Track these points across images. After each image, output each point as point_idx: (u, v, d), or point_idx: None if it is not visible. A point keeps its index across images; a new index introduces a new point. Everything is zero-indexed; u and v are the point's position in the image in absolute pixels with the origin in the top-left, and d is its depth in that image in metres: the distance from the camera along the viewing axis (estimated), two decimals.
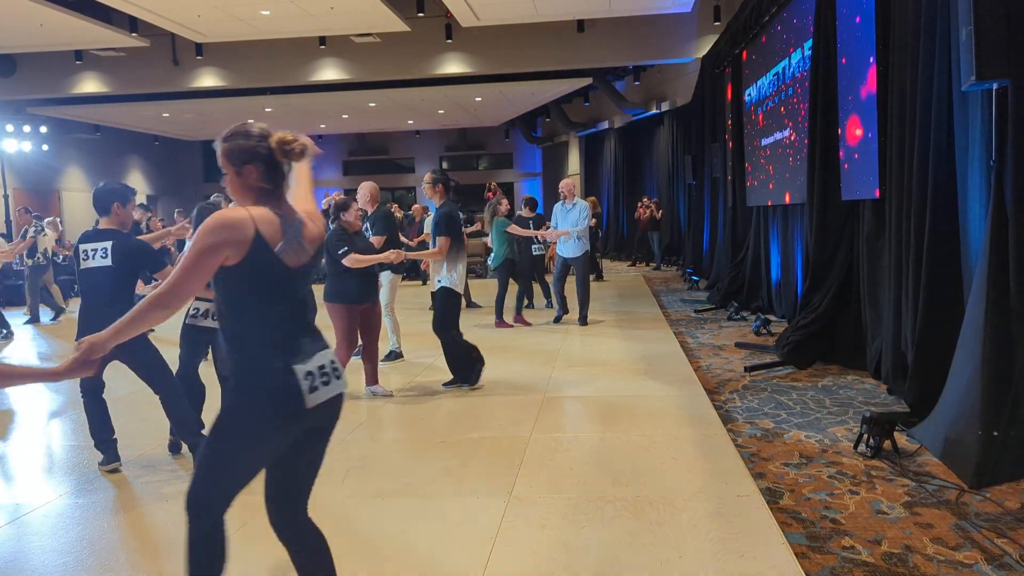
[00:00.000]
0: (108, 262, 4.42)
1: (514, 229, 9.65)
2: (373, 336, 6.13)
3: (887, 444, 4.34)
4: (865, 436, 4.39)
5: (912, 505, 3.66)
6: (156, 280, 4.77)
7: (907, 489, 3.86)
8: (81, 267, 4.46)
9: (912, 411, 4.88)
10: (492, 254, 9.87)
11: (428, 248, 6.97)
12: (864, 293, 6.40)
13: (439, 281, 6.18)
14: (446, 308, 6.20)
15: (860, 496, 3.79)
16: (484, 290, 11.98)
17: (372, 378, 6.13)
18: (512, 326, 9.35)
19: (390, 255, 5.98)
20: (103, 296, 4.38)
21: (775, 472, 4.17)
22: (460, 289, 6.24)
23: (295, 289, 2.36)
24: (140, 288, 4.91)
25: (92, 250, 4.46)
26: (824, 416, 5.19)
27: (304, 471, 2.51)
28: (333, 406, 2.43)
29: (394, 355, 7.55)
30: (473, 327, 9.42)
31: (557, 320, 9.57)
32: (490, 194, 11.13)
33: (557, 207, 9.45)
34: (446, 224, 6.14)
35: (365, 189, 7.22)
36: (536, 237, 10.01)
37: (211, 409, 3.89)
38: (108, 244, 4.45)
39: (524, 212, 10.16)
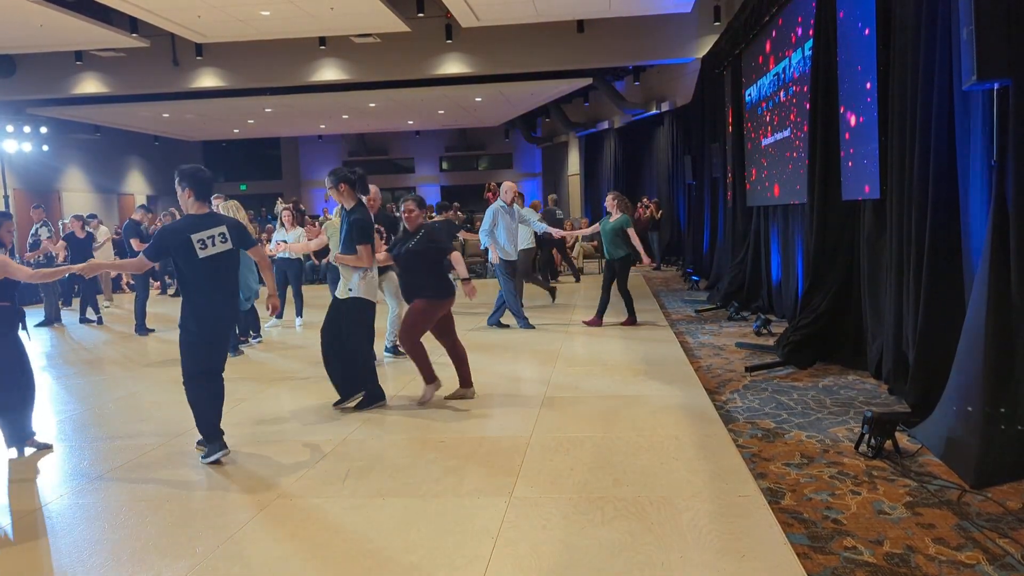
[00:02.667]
0: None
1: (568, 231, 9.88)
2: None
3: (888, 444, 4.33)
4: (866, 436, 4.38)
5: (914, 505, 3.65)
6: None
7: (909, 489, 3.85)
8: None
9: (913, 411, 4.88)
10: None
11: None
12: (865, 293, 6.40)
13: (350, 290, 5.66)
14: (361, 319, 5.69)
15: (862, 496, 3.79)
16: (485, 291, 11.95)
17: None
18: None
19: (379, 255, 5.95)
20: None
21: (776, 472, 4.17)
22: (373, 298, 5.79)
23: None
24: None
25: None
26: (825, 416, 5.18)
27: None
28: None
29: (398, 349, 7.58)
30: (469, 331, 9.43)
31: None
32: (489, 195, 11.14)
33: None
34: (360, 232, 5.54)
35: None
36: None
37: None
38: None
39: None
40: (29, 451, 4.98)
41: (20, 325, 5.02)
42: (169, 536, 3.58)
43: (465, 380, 5.99)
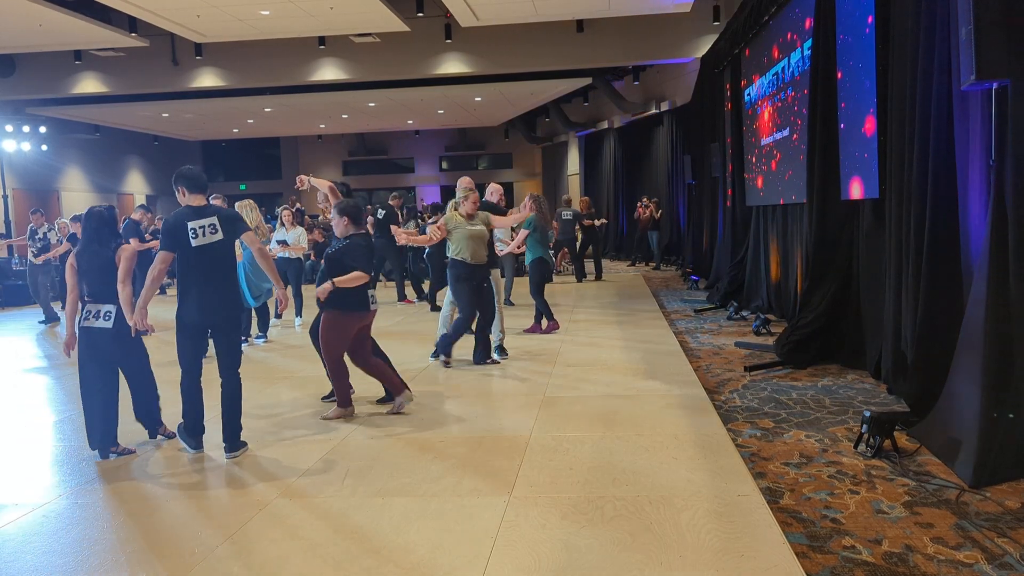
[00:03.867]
0: None
1: None
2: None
3: (887, 443, 4.34)
4: (865, 435, 4.39)
5: (912, 505, 3.66)
6: None
7: (907, 489, 3.86)
8: None
9: (912, 410, 4.89)
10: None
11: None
12: (864, 292, 6.41)
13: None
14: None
15: (860, 496, 3.79)
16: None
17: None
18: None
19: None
20: None
21: (775, 472, 4.17)
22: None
23: None
24: None
25: None
26: (824, 416, 5.19)
27: None
28: None
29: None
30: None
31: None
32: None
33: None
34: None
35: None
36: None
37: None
38: None
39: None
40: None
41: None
42: (169, 536, 3.58)
43: (395, 388, 5.65)
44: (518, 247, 9.08)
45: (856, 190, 6.35)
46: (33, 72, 16.37)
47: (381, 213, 11.76)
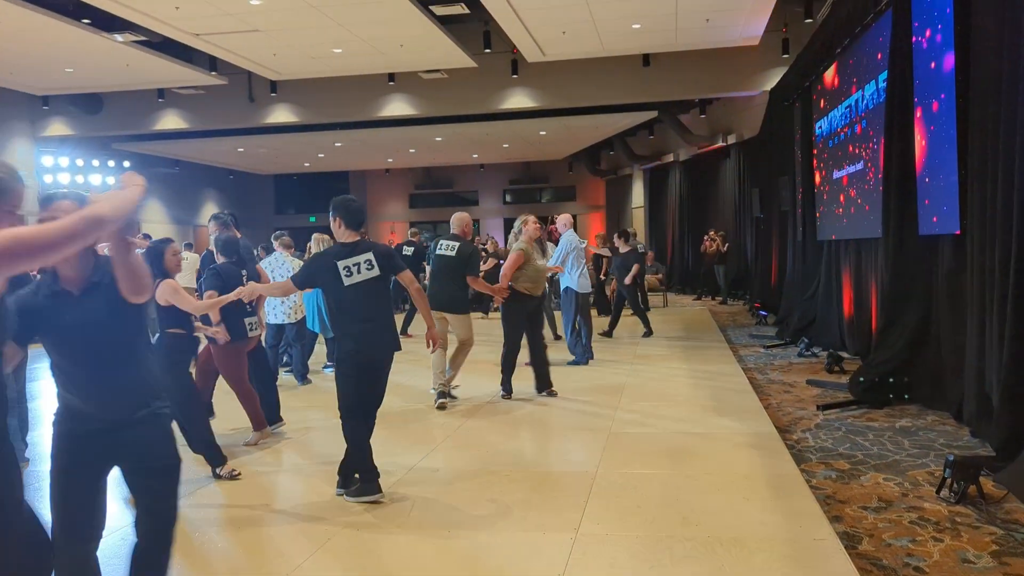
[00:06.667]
0: None
1: None
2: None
3: (972, 489, 4.14)
4: (948, 480, 4.21)
5: (1001, 555, 3.48)
6: None
7: (995, 538, 3.67)
8: None
9: (998, 455, 4.66)
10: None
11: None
12: (943, 331, 6.18)
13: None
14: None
15: (944, 544, 3.62)
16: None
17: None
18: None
19: None
20: None
21: (852, 516, 4.02)
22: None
23: None
24: None
25: None
26: (903, 458, 4.99)
27: None
28: None
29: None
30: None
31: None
32: (552, 227, 11.16)
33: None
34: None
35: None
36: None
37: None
38: None
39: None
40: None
41: (193, 354, 5.16)
42: (230, 567, 3.63)
43: (257, 423, 5.79)
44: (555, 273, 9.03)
45: (935, 225, 6.16)
46: (119, 109, 17.16)
47: (410, 250, 11.91)
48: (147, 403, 2.61)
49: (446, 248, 6.90)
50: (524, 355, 7.33)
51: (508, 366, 7.18)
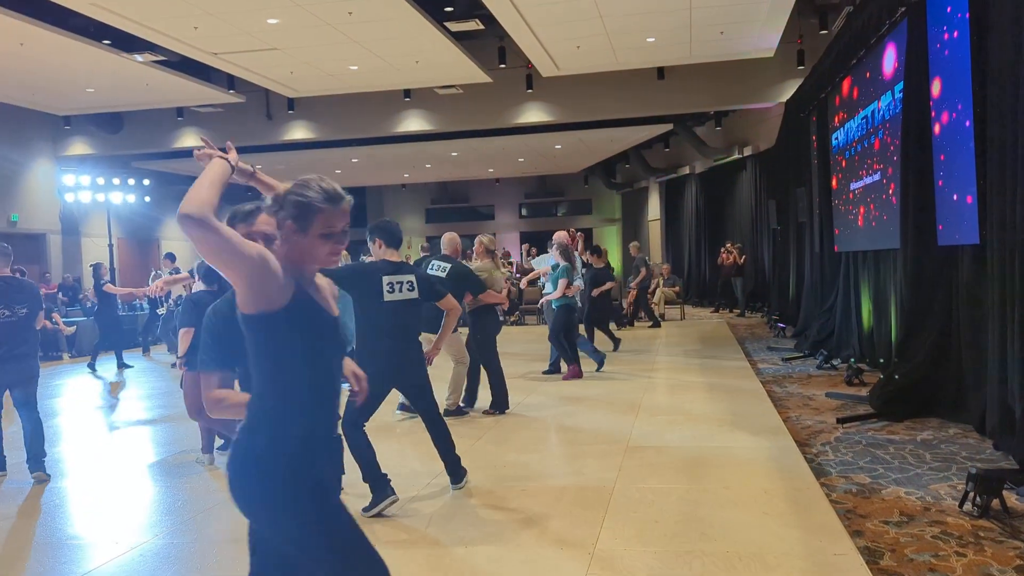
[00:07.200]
0: None
1: None
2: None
3: (995, 503, 4.09)
4: (971, 494, 4.15)
5: None
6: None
7: (1019, 552, 3.62)
8: None
9: (1022, 468, 4.60)
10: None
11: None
12: (964, 343, 6.11)
13: None
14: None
15: (968, 559, 3.57)
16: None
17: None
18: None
19: None
20: None
21: (873, 530, 3.98)
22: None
23: None
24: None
25: None
26: (925, 472, 4.93)
27: None
28: None
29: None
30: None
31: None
32: (572, 241, 11.18)
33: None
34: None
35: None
36: None
37: None
38: None
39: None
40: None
41: None
42: None
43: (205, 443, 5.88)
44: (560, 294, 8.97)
45: (954, 236, 6.11)
46: (139, 128, 17.41)
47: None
48: None
49: (437, 269, 6.89)
50: (543, 364, 7.32)
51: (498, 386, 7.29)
